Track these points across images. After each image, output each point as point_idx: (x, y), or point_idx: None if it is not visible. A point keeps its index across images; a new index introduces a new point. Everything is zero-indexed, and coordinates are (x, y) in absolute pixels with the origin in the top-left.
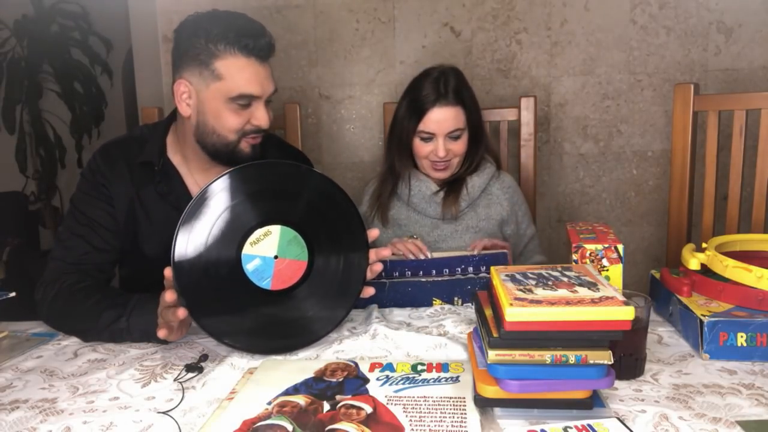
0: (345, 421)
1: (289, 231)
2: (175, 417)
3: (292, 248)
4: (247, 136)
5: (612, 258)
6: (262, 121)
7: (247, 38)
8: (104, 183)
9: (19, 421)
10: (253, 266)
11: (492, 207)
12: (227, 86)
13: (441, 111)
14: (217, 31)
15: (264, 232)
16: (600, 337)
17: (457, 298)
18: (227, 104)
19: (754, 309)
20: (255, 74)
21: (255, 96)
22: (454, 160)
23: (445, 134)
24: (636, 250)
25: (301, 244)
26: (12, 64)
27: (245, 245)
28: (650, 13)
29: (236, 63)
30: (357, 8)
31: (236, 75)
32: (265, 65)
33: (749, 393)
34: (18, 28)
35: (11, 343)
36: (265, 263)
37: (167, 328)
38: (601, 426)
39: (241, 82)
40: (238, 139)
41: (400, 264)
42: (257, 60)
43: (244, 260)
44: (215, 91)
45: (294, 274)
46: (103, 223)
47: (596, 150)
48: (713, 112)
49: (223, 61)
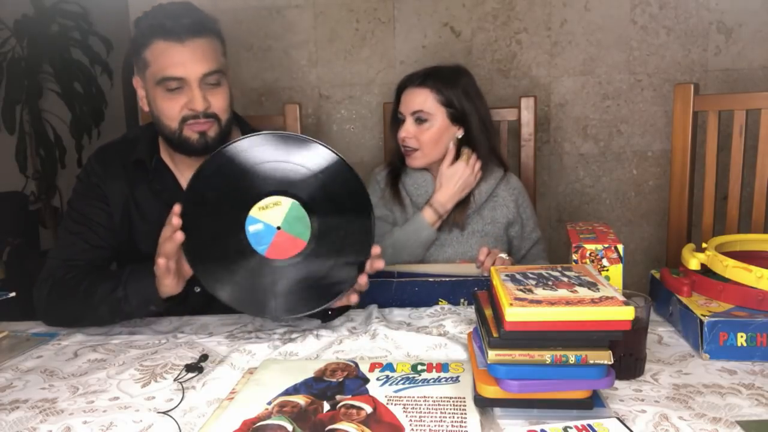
0: (345, 421)
1: (299, 208)
2: (175, 417)
3: (296, 225)
4: (188, 122)
5: (612, 258)
6: (195, 104)
7: (163, 21)
8: (99, 183)
9: (19, 421)
10: (254, 229)
11: (498, 210)
12: (153, 72)
13: (411, 91)
14: (144, 22)
15: (275, 201)
16: (600, 337)
17: (464, 300)
18: (158, 90)
19: (754, 309)
20: (177, 55)
21: (179, 78)
22: (420, 151)
23: (410, 114)
24: (636, 250)
25: (306, 225)
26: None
27: (254, 208)
28: (650, 13)
29: (157, 47)
30: (357, 8)
31: (158, 59)
32: (191, 46)
33: (749, 393)
34: (18, 28)
35: (11, 343)
36: (266, 230)
37: (166, 266)
38: (601, 426)
39: (163, 65)
40: (180, 126)
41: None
42: (177, 41)
43: (248, 221)
44: (149, 78)
45: (291, 249)
46: (99, 221)
47: (596, 150)
48: (713, 112)
49: (149, 48)
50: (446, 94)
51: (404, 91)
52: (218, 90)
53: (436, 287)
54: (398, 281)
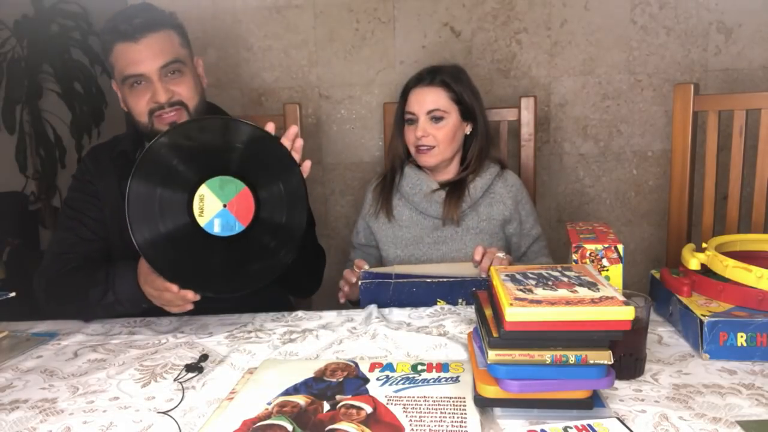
0: (345, 421)
1: (213, 180)
2: (175, 417)
3: (227, 189)
4: (155, 114)
5: (612, 258)
6: (158, 96)
7: (120, 24)
8: (91, 180)
9: (19, 421)
10: (218, 226)
11: (494, 206)
12: (118, 73)
13: (422, 90)
14: (105, 29)
15: (199, 197)
16: (600, 337)
17: (462, 300)
18: (125, 89)
19: (754, 309)
20: (132, 53)
21: (139, 74)
22: (437, 148)
23: (426, 114)
24: (636, 250)
25: (231, 180)
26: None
27: (196, 219)
28: (650, 13)
29: (117, 49)
30: (357, 8)
31: (120, 61)
32: (146, 43)
33: (749, 393)
34: (18, 28)
35: (11, 343)
36: (223, 216)
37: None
38: (601, 426)
39: (124, 65)
40: (150, 120)
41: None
42: (132, 41)
43: (207, 229)
44: (117, 81)
45: (248, 202)
46: (90, 215)
47: (596, 150)
48: (713, 112)
49: (112, 52)
50: (457, 91)
51: (412, 91)
52: (181, 79)
53: (434, 288)
54: (396, 282)
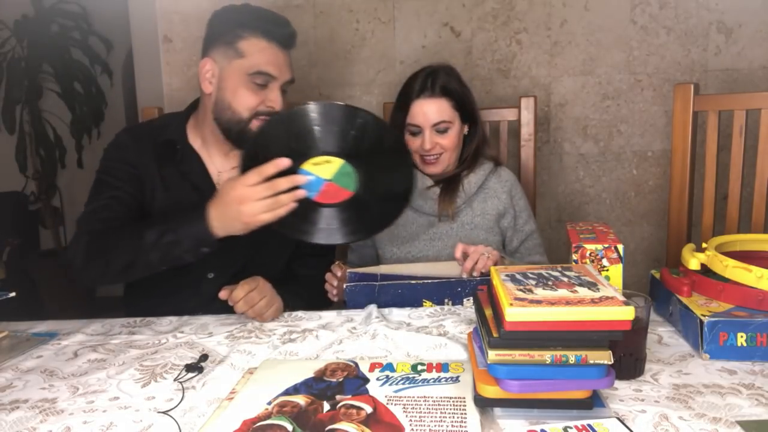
0: (345, 421)
1: (347, 166)
2: (175, 417)
3: (344, 179)
4: (259, 117)
5: (612, 258)
6: (275, 103)
7: (270, 24)
8: (129, 153)
9: (19, 421)
10: (306, 180)
11: (488, 201)
12: (247, 63)
13: (425, 102)
14: (245, 18)
15: (326, 159)
16: (600, 337)
17: (448, 300)
18: (245, 81)
19: (754, 309)
20: (274, 56)
21: (272, 76)
22: (445, 155)
23: (431, 126)
24: (636, 250)
25: (354, 180)
26: (12, 64)
27: (307, 162)
28: (650, 13)
29: (258, 44)
30: (357, 8)
31: (256, 54)
32: (285, 53)
33: (749, 393)
34: (18, 28)
35: (11, 343)
36: (316, 181)
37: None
38: (601, 426)
39: (260, 60)
40: (250, 118)
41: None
42: (278, 45)
43: (300, 172)
44: (236, 67)
45: (338, 196)
46: (129, 182)
47: (596, 150)
48: (713, 112)
49: (247, 41)
50: (457, 97)
51: (415, 102)
52: (285, 96)
53: (419, 289)
54: (381, 284)
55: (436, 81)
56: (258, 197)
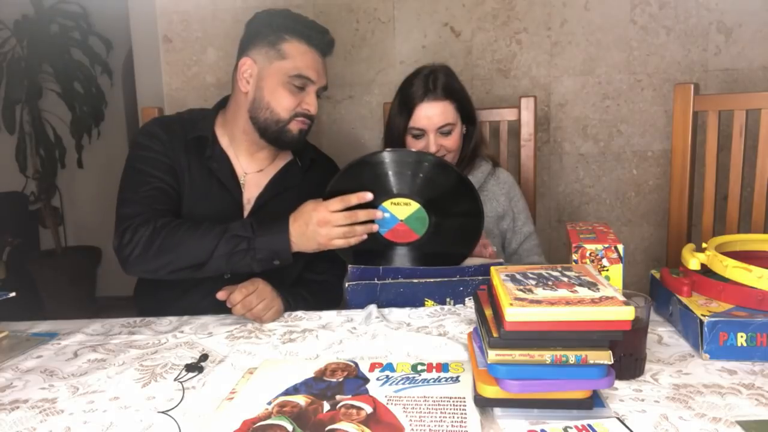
0: (345, 421)
1: (422, 211)
2: (175, 417)
3: (415, 223)
4: (298, 118)
5: (612, 258)
6: (311, 106)
7: (312, 31)
8: (162, 144)
9: (19, 421)
10: (382, 216)
11: (487, 203)
12: (289, 65)
13: (429, 106)
14: (289, 23)
15: (405, 201)
16: (600, 337)
17: (450, 299)
18: (285, 83)
19: (754, 309)
20: (314, 62)
21: (310, 80)
22: (447, 156)
23: (436, 129)
24: (636, 250)
25: (425, 225)
26: (12, 64)
27: (387, 201)
28: (650, 13)
29: (300, 48)
30: (357, 8)
31: (298, 57)
32: (323, 60)
33: (749, 393)
34: (18, 28)
35: (11, 343)
36: (391, 219)
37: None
38: (601, 426)
39: (302, 63)
40: (290, 119)
41: (393, 271)
42: (318, 51)
43: (380, 209)
44: (277, 68)
45: (406, 237)
46: (165, 170)
47: (596, 150)
48: (713, 112)
49: (289, 44)
50: (458, 99)
51: (419, 106)
52: (317, 100)
53: (421, 287)
54: (382, 283)
55: (437, 83)
56: (338, 223)
